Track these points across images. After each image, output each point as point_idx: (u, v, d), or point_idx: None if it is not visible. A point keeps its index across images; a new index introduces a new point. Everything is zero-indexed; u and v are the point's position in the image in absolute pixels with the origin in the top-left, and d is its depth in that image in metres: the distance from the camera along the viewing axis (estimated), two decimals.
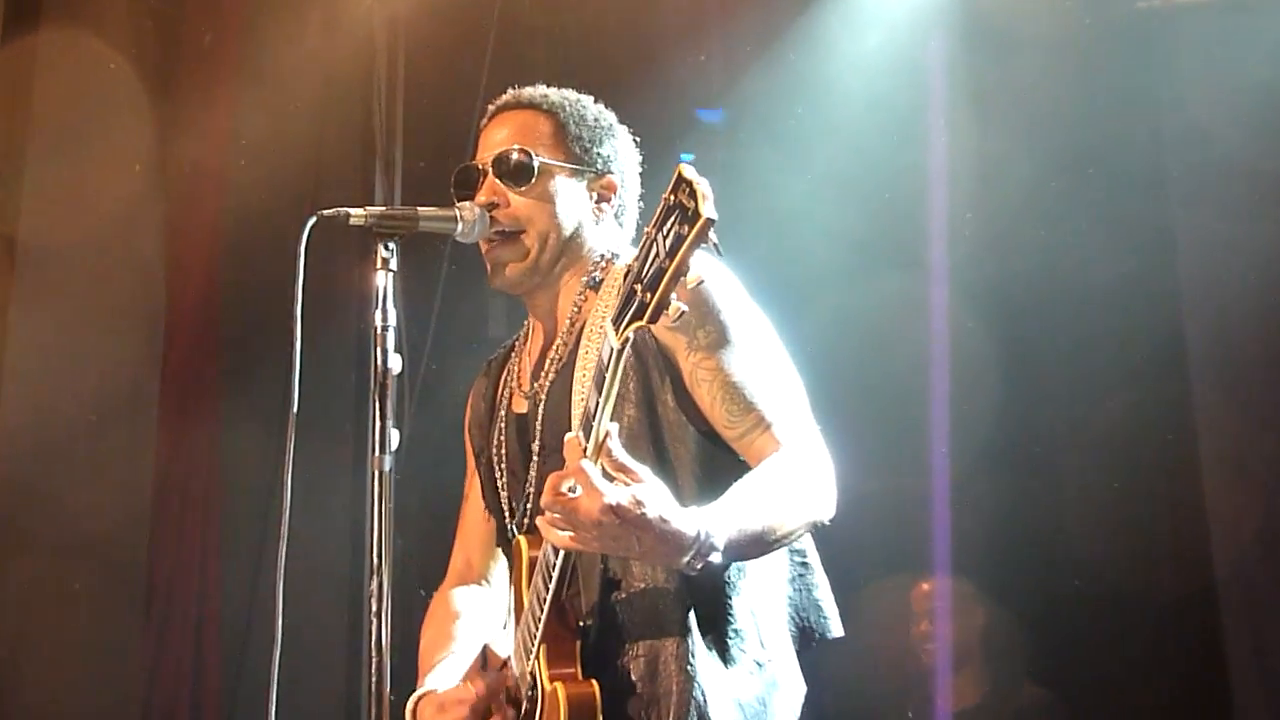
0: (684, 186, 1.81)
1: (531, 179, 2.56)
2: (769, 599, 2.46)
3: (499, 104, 2.69)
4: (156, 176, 5.19)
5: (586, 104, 2.68)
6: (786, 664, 2.45)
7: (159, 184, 5.20)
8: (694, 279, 1.84)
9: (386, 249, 2.36)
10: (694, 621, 2.35)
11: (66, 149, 4.95)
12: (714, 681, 2.32)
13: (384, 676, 2.21)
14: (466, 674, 2.57)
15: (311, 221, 2.34)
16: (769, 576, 2.47)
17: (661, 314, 1.88)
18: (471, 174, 2.61)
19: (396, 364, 2.30)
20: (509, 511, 2.66)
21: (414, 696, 2.58)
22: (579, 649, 2.36)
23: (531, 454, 2.57)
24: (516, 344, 2.78)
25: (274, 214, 4.77)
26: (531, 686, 2.39)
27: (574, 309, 2.59)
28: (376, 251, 2.36)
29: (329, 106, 5.42)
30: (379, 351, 2.30)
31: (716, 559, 2.12)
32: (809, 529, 2.37)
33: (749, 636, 2.39)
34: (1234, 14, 4.39)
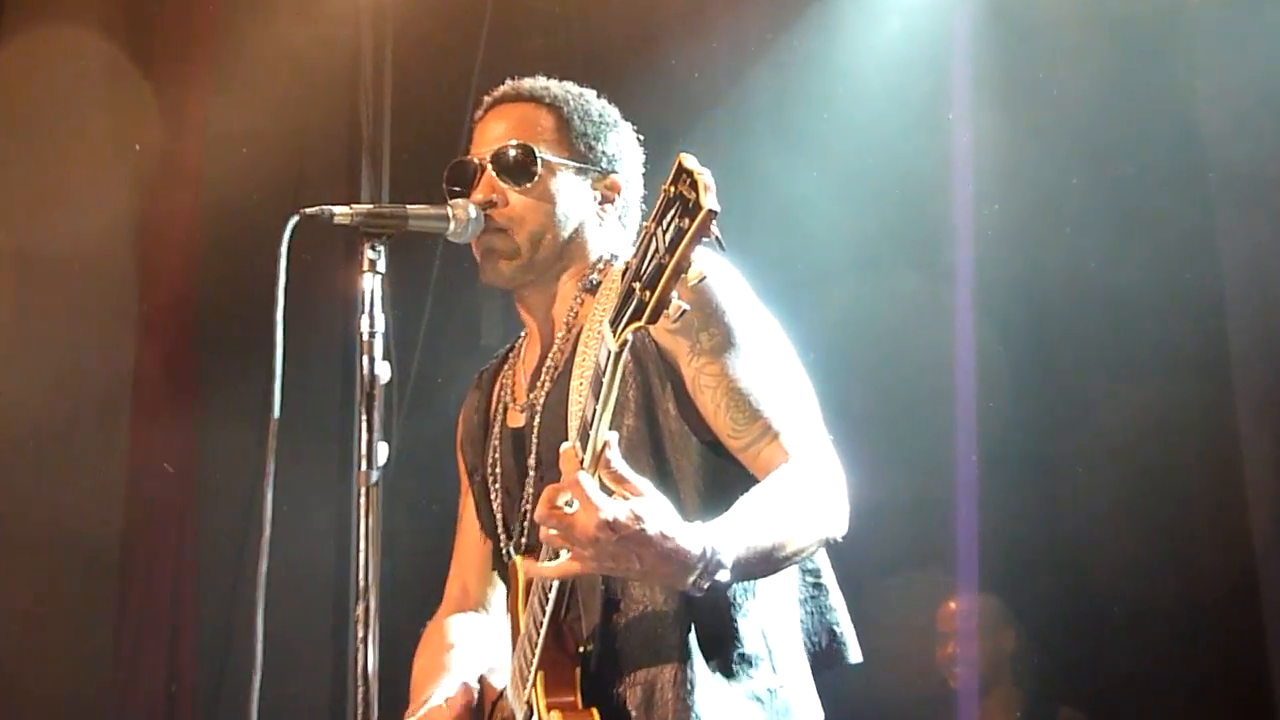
0: (684, 177, 1.79)
1: (533, 177, 2.53)
2: (781, 620, 2.42)
3: (496, 95, 2.66)
4: (129, 171, 5.19)
5: (590, 98, 2.65)
6: (801, 690, 2.41)
7: (131, 179, 5.21)
8: (695, 275, 1.82)
9: (374, 250, 2.33)
10: (696, 646, 2.31)
11: (34, 144, 4.96)
12: (715, 712, 2.29)
13: (371, 708, 2.17)
14: (450, 699, 2.54)
15: (293, 220, 2.31)
16: (779, 596, 2.43)
17: (661, 313, 1.85)
18: (467, 169, 2.58)
19: (385, 372, 2.27)
20: (505, 533, 2.63)
21: None
22: (578, 676, 2.33)
23: (527, 470, 2.54)
24: (510, 354, 2.75)
25: (254, 211, 4.79)
26: (528, 716, 2.36)
27: (570, 313, 2.56)
28: (363, 252, 2.33)
29: (312, 95, 5.39)
30: (366, 359, 2.27)
31: (724, 578, 2.09)
32: (821, 545, 2.33)
33: (759, 661, 2.36)
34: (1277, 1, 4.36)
